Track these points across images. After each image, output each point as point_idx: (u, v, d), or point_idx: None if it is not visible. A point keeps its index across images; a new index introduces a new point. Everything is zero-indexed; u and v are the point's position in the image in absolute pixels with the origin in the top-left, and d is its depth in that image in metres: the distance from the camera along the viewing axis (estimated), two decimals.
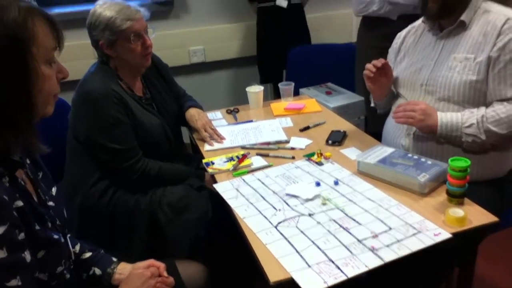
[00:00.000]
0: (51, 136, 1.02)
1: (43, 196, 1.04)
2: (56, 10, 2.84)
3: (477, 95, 1.55)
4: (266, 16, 2.95)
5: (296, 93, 2.40)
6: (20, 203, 0.91)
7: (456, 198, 1.35)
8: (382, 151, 1.60)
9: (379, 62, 1.68)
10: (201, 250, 1.63)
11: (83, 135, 1.65)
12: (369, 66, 1.70)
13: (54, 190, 1.11)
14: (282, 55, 2.92)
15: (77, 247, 1.22)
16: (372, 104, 1.94)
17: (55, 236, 1.00)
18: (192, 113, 1.98)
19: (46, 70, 0.91)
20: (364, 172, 1.56)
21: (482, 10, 1.59)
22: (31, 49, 0.87)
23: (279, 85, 2.34)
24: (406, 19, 2.04)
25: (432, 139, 1.61)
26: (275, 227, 1.31)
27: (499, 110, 1.50)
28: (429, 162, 1.49)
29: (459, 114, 1.54)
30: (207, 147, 1.88)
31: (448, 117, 1.54)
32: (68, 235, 1.16)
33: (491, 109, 1.52)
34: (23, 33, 0.86)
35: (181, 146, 2.00)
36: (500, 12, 1.55)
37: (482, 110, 1.53)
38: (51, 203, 1.06)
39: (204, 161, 1.75)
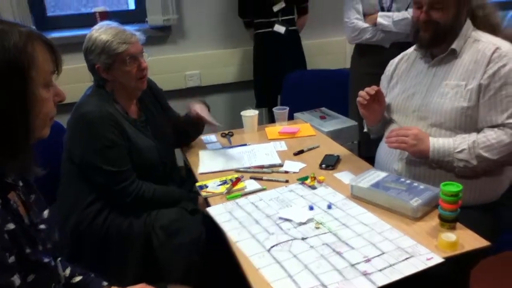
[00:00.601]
0: (46, 158, 1.02)
1: (34, 219, 1.04)
2: (54, 34, 2.88)
3: (468, 121, 1.57)
4: (263, 41, 3.00)
5: (291, 117, 2.43)
6: (11, 226, 0.91)
7: (448, 222, 1.35)
8: (375, 175, 1.61)
9: (372, 90, 1.71)
10: (194, 274, 1.61)
11: (78, 157, 1.66)
12: (362, 93, 1.73)
13: (46, 212, 1.11)
14: (278, 80, 2.96)
15: (68, 271, 1.20)
16: (365, 130, 1.96)
17: (46, 260, 1.00)
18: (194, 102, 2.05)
19: (44, 93, 0.93)
20: (357, 196, 1.56)
21: (472, 39, 1.63)
22: (30, 73, 0.89)
23: (274, 109, 2.37)
24: (399, 47, 2.09)
25: (424, 163, 1.63)
26: (268, 251, 1.31)
27: (490, 136, 1.52)
28: (422, 186, 1.50)
29: (451, 139, 1.56)
30: (201, 169, 1.88)
31: (440, 142, 1.56)
32: (59, 259, 1.15)
33: (482, 134, 1.54)
34: (24, 58, 0.88)
35: (175, 169, 2.00)
36: (490, 41, 1.60)
37: (473, 135, 1.55)
38: (42, 226, 1.06)
39: (197, 184, 1.75)
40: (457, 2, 1.57)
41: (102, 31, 1.69)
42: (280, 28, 2.92)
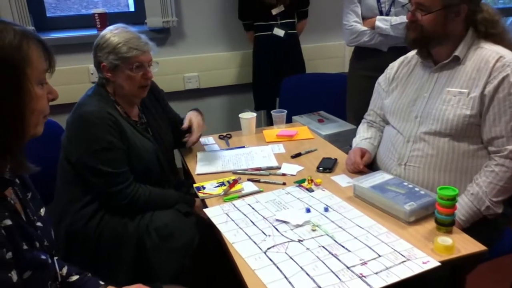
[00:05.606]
0: (42, 157, 1.03)
1: (31, 216, 1.04)
2: (53, 35, 2.88)
3: (468, 129, 1.56)
4: (263, 44, 3.00)
5: (289, 120, 2.43)
6: (8, 222, 0.91)
7: (444, 226, 1.36)
8: (380, 177, 1.62)
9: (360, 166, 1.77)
10: (185, 278, 1.60)
11: (76, 157, 1.65)
12: (355, 166, 1.78)
13: (42, 210, 1.11)
14: (277, 83, 2.96)
15: (64, 270, 1.20)
16: (353, 146, 1.94)
17: (42, 257, 1.00)
18: (190, 113, 2.05)
19: (39, 90, 0.94)
20: (359, 196, 1.57)
21: (475, 46, 1.61)
22: (25, 71, 0.90)
23: (272, 112, 2.37)
24: (396, 51, 2.09)
25: (422, 170, 1.63)
26: (264, 252, 1.31)
27: (494, 179, 1.51)
28: (422, 192, 1.49)
29: (467, 200, 1.53)
30: (198, 170, 1.88)
31: (462, 212, 1.52)
32: (56, 257, 1.15)
33: (485, 181, 1.52)
34: (18, 56, 0.89)
35: (173, 172, 1.98)
36: (493, 49, 1.57)
37: (480, 189, 1.53)
38: (39, 224, 1.06)
39: (195, 185, 1.75)
40: (444, 11, 1.55)
41: (117, 33, 1.69)
42: (279, 32, 2.93)
